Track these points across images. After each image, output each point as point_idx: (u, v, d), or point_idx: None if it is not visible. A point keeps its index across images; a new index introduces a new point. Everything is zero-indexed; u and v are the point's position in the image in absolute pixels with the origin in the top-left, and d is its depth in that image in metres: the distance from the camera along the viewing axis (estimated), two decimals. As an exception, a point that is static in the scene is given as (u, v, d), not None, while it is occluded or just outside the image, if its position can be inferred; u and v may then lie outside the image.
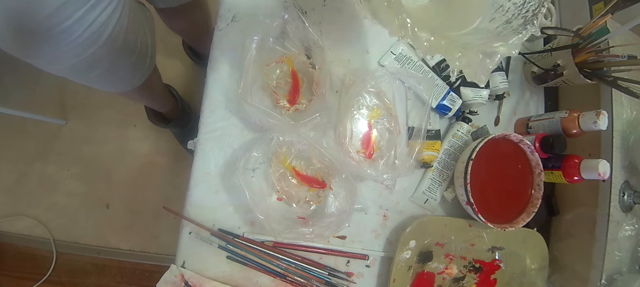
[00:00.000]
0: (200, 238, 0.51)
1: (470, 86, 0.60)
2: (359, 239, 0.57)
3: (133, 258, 1.13)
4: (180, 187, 1.10)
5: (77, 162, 1.15)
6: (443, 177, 0.61)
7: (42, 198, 1.14)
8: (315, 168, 0.55)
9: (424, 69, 0.61)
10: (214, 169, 0.53)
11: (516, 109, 0.69)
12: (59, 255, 1.12)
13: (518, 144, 0.58)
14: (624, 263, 0.59)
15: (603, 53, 0.59)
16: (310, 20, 0.58)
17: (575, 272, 0.62)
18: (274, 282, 0.53)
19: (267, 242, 0.53)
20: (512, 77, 0.69)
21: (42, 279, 1.10)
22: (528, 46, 0.72)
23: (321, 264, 0.54)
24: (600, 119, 0.55)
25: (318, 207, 0.55)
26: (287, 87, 0.56)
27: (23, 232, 1.13)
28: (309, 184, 0.54)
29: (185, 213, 0.52)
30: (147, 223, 1.14)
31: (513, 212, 0.58)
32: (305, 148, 0.53)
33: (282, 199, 0.54)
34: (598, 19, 0.57)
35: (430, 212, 0.61)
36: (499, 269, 0.61)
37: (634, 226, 0.60)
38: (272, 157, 0.54)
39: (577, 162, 0.56)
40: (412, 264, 0.56)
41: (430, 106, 0.59)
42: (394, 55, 0.61)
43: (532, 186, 0.58)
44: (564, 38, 0.64)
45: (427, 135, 0.58)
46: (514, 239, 0.60)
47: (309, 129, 0.55)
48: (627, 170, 0.61)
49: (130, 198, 1.15)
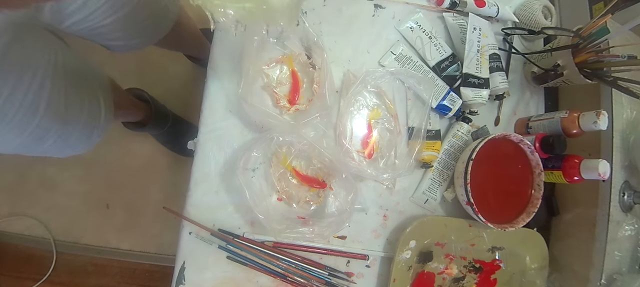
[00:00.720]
0: (200, 238, 0.51)
1: (470, 86, 0.60)
2: (359, 239, 0.57)
3: (133, 258, 1.13)
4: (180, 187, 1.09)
5: (77, 162, 1.15)
6: (443, 177, 0.61)
7: (42, 198, 1.14)
8: (315, 168, 0.55)
9: (424, 69, 0.61)
10: (214, 169, 0.53)
11: (516, 109, 0.69)
12: (59, 255, 1.12)
13: (518, 144, 0.58)
14: (624, 263, 0.59)
15: (603, 53, 0.59)
16: (310, 20, 0.58)
17: (575, 272, 0.62)
18: (274, 282, 0.53)
19: (267, 242, 0.53)
20: (512, 77, 0.69)
21: (42, 279, 1.10)
22: (528, 46, 0.72)
23: (321, 264, 0.54)
24: (600, 119, 0.55)
25: (318, 207, 0.55)
26: (287, 87, 0.56)
27: (23, 232, 1.13)
28: (309, 184, 0.54)
29: (185, 213, 0.52)
30: (147, 223, 1.14)
31: (513, 212, 0.58)
32: (305, 148, 0.53)
33: (282, 199, 0.54)
34: (598, 19, 0.57)
35: (430, 212, 0.61)
36: (499, 269, 0.61)
37: (634, 226, 0.60)
38: (272, 157, 0.54)
39: (577, 162, 0.56)
40: (412, 264, 0.56)
41: (430, 106, 0.59)
42: (394, 55, 0.61)
43: (532, 186, 0.58)
44: (564, 38, 0.64)
45: (427, 135, 0.58)
46: (514, 239, 0.60)
47: (309, 129, 0.56)
48: (627, 170, 0.61)
49: (130, 198, 1.15)
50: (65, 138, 0.54)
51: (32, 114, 0.46)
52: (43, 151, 0.54)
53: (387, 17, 0.63)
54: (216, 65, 0.55)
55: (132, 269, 1.13)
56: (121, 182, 1.15)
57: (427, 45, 0.62)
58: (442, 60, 0.62)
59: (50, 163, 1.15)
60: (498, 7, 0.66)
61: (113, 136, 1.16)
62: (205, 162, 0.53)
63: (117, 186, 1.15)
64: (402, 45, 0.62)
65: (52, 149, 0.54)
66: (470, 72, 0.60)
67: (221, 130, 0.54)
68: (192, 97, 1.15)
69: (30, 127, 0.47)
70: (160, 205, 0.96)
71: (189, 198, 0.53)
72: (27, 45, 0.44)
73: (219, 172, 0.53)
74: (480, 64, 0.61)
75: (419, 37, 0.62)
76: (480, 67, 0.61)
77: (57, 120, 0.50)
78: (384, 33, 0.62)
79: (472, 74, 0.60)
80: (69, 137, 0.55)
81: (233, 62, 0.55)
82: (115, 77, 0.74)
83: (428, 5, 0.65)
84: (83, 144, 0.60)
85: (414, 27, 0.62)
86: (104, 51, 0.63)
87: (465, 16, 0.64)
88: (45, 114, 0.47)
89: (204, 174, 0.53)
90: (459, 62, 0.62)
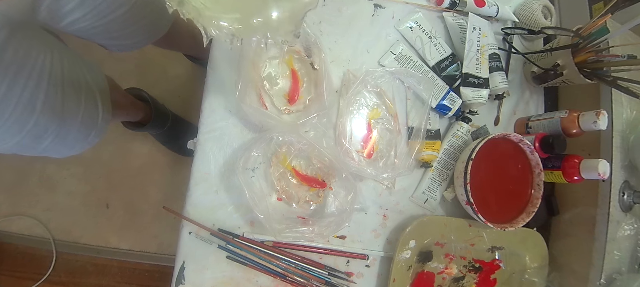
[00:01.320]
0: (201, 238, 0.51)
1: (470, 86, 0.60)
2: (359, 239, 0.57)
3: (133, 258, 1.13)
4: (180, 187, 1.10)
5: (77, 162, 1.15)
6: (443, 177, 0.61)
7: (42, 198, 1.14)
8: (315, 168, 0.55)
9: (424, 69, 0.61)
10: (214, 169, 0.53)
11: (516, 109, 0.69)
12: (59, 255, 1.12)
13: (518, 144, 0.58)
14: (624, 263, 0.59)
15: (603, 53, 0.59)
16: (310, 20, 0.58)
17: (574, 272, 0.62)
18: (274, 282, 0.53)
19: (267, 243, 0.53)
20: (512, 77, 0.69)
21: (42, 279, 1.10)
22: (528, 46, 0.72)
23: (321, 264, 0.54)
24: (600, 119, 0.55)
25: (318, 207, 0.55)
26: (287, 87, 0.56)
27: (23, 232, 1.13)
28: (309, 184, 0.54)
29: (185, 213, 0.52)
30: (147, 223, 1.14)
31: (513, 212, 0.58)
32: (306, 148, 0.53)
33: (282, 199, 0.54)
34: (598, 19, 0.57)
35: (430, 212, 0.61)
36: (499, 269, 0.61)
37: (634, 226, 0.60)
38: (272, 157, 0.54)
39: (577, 162, 0.56)
40: (412, 264, 0.56)
41: (430, 106, 0.59)
42: (394, 55, 0.61)
43: (532, 186, 0.58)
44: (564, 38, 0.64)
45: (427, 135, 0.58)
46: (514, 239, 0.60)
47: (309, 129, 0.55)
48: (627, 170, 0.61)
49: (130, 198, 1.15)
50: (63, 138, 0.54)
51: (30, 113, 0.46)
52: (41, 151, 0.54)
53: (387, 17, 0.63)
54: (216, 65, 0.55)
55: (132, 269, 1.13)
56: (121, 182, 1.15)
57: (427, 45, 0.62)
58: (442, 60, 0.62)
59: (50, 163, 1.15)
60: (498, 7, 0.66)
61: (113, 136, 1.16)
62: (205, 162, 0.53)
63: (117, 186, 1.15)
64: (402, 45, 0.62)
65: (51, 149, 0.54)
66: (470, 72, 0.60)
67: (221, 130, 0.54)
68: (192, 97, 1.15)
69: (28, 126, 0.47)
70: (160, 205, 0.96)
71: (189, 198, 0.53)
72: (23, 44, 0.45)
73: (219, 172, 0.53)
74: (480, 64, 0.61)
75: (419, 37, 0.62)
76: (480, 67, 0.61)
77: (55, 119, 0.50)
78: (384, 33, 0.62)
79: (472, 74, 0.60)
80: (67, 136, 0.55)
81: (233, 62, 0.55)
82: (115, 77, 0.74)
83: (428, 5, 0.65)
84: (81, 144, 0.60)
85: (414, 27, 0.62)
86: (103, 51, 0.63)
87: (465, 16, 0.64)
88: (43, 112, 0.47)
89: (204, 174, 0.53)
90: (459, 62, 0.62)
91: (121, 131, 1.06)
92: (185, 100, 1.16)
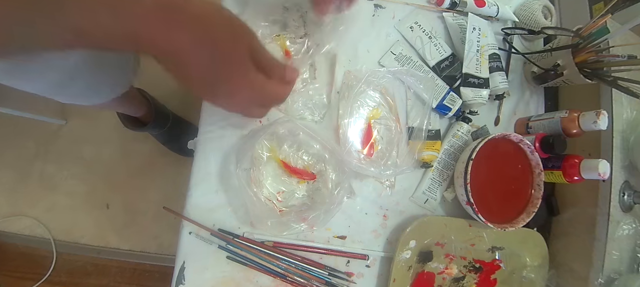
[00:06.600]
0: (200, 238, 0.51)
1: (470, 86, 0.60)
2: (359, 239, 0.57)
3: (133, 258, 1.13)
4: (180, 187, 1.10)
5: (77, 162, 1.15)
6: (443, 177, 0.61)
7: (42, 198, 1.14)
8: (305, 159, 0.55)
9: (424, 69, 0.61)
10: (214, 169, 0.53)
11: (516, 109, 0.69)
12: (59, 255, 1.12)
13: (518, 144, 0.58)
14: (623, 263, 0.59)
15: (603, 53, 0.59)
16: (310, 20, 0.58)
17: (573, 271, 0.62)
18: (274, 282, 0.53)
19: (267, 242, 0.53)
20: (512, 77, 0.69)
21: (42, 279, 1.10)
22: (528, 46, 0.72)
23: (321, 264, 0.54)
24: (600, 119, 0.55)
25: (310, 198, 0.55)
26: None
27: (23, 232, 1.13)
28: (299, 176, 0.54)
29: (185, 213, 0.52)
30: (147, 223, 1.14)
31: (513, 212, 0.58)
32: (297, 139, 0.53)
33: (274, 195, 0.54)
34: (598, 19, 0.57)
35: (430, 212, 0.61)
36: (499, 269, 0.61)
37: (633, 226, 0.60)
38: (261, 154, 0.53)
39: (577, 162, 0.56)
40: (412, 264, 0.56)
41: (431, 106, 0.59)
42: (394, 55, 0.61)
43: (532, 186, 0.58)
44: (564, 38, 0.64)
45: (427, 135, 0.58)
46: (514, 239, 0.60)
47: (302, 109, 0.56)
48: (627, 170, 0.61)
49: (130, 198, 1.15)
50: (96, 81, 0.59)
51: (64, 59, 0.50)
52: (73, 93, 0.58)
53: (387, 17, 0.63)
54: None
55: (132, 269, 1.13)
56: (121, 182, 1.15)
57: (427, 45, 0.62)
58: (442, 60, 0.62)
59: (50, 162, 1.15)
60: (498, 7, 0.66)
61: (113, 136, 1.16)
62: (205, 162, 0.53)
63: (117, 186, 1.15)
64: (402, 45, 0.62)
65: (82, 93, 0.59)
66: (470, 72, 0.60)
67: (221, 130, 0.54)
68: (192, 97, 1.15)
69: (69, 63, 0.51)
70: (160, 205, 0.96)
71: (189, 198, 0.52)
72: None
73: (219, 172, 0.53)
74: (480, 64, 0.61)
75: (418, 37, 0.62)
76: (480, 67, 0.61)
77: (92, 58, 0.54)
78: (383, 33, 0.62)
79: (472, 74, 0.60)
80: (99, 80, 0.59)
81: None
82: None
83: (428, 5, 0.65)
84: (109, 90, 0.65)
85: (413, 27, 0.62)
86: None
87: (465, 16, 0.64)
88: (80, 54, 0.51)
89: (204, 174, 0.53)
90: (458, 62, 0.62)
91: (121, 131, 1.07)
92: (185, 100, 1.17)
